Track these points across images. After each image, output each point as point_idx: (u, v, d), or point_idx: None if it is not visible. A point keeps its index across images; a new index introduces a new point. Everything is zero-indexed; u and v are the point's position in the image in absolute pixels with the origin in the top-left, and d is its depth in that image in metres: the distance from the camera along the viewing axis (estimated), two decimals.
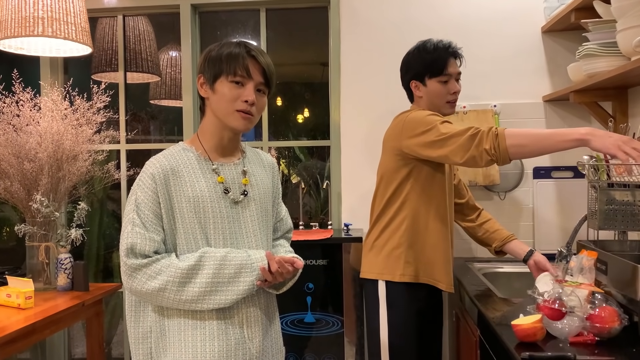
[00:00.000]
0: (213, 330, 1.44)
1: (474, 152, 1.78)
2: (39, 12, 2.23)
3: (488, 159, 1.76)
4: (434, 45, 2.10)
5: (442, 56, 2.08)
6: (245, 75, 1.46)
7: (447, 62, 2.07)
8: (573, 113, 2.78)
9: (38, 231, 2.43)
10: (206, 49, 1.54)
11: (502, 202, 2.81)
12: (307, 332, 2.57)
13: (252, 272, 1.46)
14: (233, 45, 1.49)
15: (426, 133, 1.92)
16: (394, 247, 2.07)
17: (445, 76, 2.07)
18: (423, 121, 1.94)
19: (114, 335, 3.54)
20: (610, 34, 2.02)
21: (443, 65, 2.07)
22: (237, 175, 1.55)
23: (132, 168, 3.01)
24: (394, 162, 2.08)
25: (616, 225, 1.87)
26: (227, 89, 1.47)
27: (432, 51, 2.10)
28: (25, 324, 1.95)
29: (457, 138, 1.82)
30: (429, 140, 1.91)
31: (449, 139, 1.85)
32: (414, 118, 1.98)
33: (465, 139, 1.80)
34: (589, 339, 1.44)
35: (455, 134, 1.84)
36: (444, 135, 1.86)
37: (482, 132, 1.77)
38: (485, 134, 1.76)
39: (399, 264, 2.05)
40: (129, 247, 1.40)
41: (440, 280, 2.06)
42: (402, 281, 2.04)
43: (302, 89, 3.92)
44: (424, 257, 2.06)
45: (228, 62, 1.46)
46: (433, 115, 1.97)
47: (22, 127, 2.49)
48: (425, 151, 1.93)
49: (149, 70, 3.28)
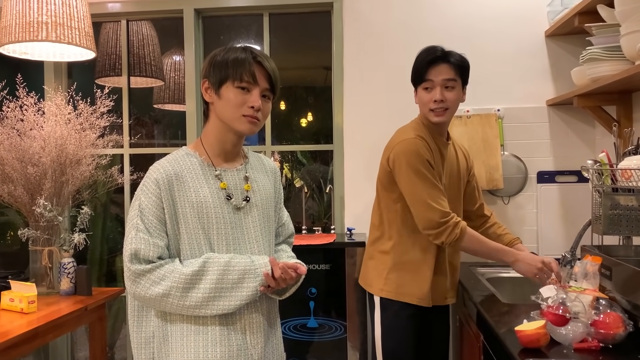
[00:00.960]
0: (215, 336, 1.44)
1: (431, 233, 1.97)
2: (43, 17, 2.24)
3: (438, 242, 1.99)
4: (423, 51, 2.04)
5: (423, 61, 2.01)
6: (251, 81, 1.46)
7: (429, 67, 1.98)
8: (577, 117, 2.77)
9: (41, 235, 2.44)
10: (211, 54, 1.53)
11: (506, 207, 2.80)
12: (310, 337, 2.56)
13: (255, 278, 1.45)
14: (239, 50, 1.49)
15: (417, 182, 1.96)
16: (380, 261, 2.10)
17: (427, 82, 2.00)
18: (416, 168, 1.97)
19: (117, 339, 3.54)
20: (614, 38, 2.02)
21: (423, 71, 2.00)
22: (239, 181, 1.55)
23: (136, 172, 3.01)
24: (386, 177, 2.09)
25: (621, 230, 1.86)
26: (232, 95, 1.46)
27: (418, 56, 2.05)
28: (28, 328, 1.95)
29: (432, 215, 1.94)
30: (412, 197, 1.98)
31: (426, 209, 1.94)
32: (409, 160, 1.97)
33: (435, 223, 1.95)
34: (594, 345, 1.43)
35: (433, 211, 1.94)
36: (424, 203, 1.94)
37: (449, 230, 1.94)
38: (449, 233, 1.94)
39: (380, 279, 2.09)
40: (132, 252, 1.40)
41: (421, 298, 2.05)
42: (380, 296, 2.08)
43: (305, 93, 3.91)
44: (406, 275, 2.06)
45: (234, 68, 1.46)
46: (426, 165, 1.98)
47: (26, 131, 2.50)
48: (404, 193, 2.01)
49: (152, 74, 3.29)
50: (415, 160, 1.96)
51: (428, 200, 1.94)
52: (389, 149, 2.07)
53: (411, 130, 2.05)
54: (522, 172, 2.79)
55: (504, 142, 2.80)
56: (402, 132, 2.09)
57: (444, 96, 1.99)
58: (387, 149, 2.09)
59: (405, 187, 1.99)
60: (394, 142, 2.05)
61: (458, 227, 1.95)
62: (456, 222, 1.95)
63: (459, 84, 2.03)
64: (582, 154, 2.75)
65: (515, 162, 2.79)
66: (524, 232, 2.78)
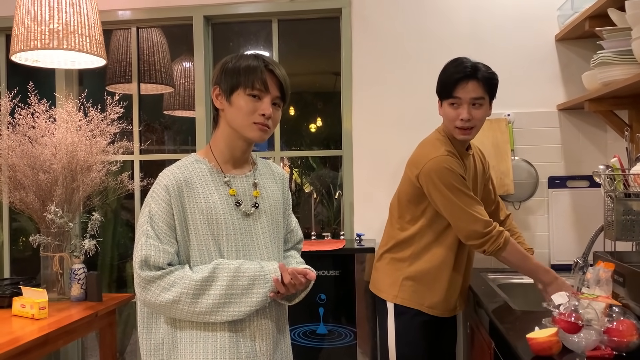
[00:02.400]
0: (225, 343, 1.44)
1: (475, 243, 1.95)
2: (54, 25, 2.26)
3: (480, 251, 1.97)
4: (453, 64, 1.97)
5: (454, 77, 1.93)
6: (262, 89, 1.47)
7: (457, 83, 1.92)
8: (588, 122, 2.75)
9: (52, 242, 2.45)
10: (222, 61, 1.54)
11: (517, 212, 2.78)
12: (320, 343, 2.55)
13: (265, 284, 1.45)
14: (251, 58, 1.49)
15: (452, 198, 1.92)
16: (396, 267, 2.09)
17: (454, 99, 1.94)
18: (451, 185, 1.93)
19: (127, 345, 3.55)
20: (625, 41, 2.00)
21: (450, 88, 1.94)
22: (248, 188, 1.55)
23: (146, 178, 3.02)
24: (414, 192, 2.04)
25: (634, 236, 1.84)
26: (243, 102, 1.47)
27: (447, 70, 1.98)
28: (39, 334, 1.96)
29: (476, 226, 1.92)
30: (452, 212, 1.94)
31: (470, 221, 1.92)
32: (441, 177, 1.93)
33: (479, 234, 1.93)
34: (607, 354, 1.41)
35: (476, 222, 1.92)
36: (467, 216, 1.92)
37: (493, 239, 1.92)
38: (493, 242, 1.92)
39: (395, 286, 2.07)
40: (142, 259, 1.41)
41: (433, 307, 2.05)
42: (395, 302, 2.06)
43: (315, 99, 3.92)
44: (422, 283, 2.05)
45: (246, 75, 1.46)
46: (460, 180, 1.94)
47: (37, 138, 2.52)
48: (440, 209, 1.97)
49: (162, 81, 3.31)
50: (449, 177, 1.92)
51: (470, 211, 1.92)
52: (417, 165, 2.00)
53: (440, 145, 1.99)
54: (533, 177, 2.77)
55: (514, 147, 2.78)
56: (430, 146, 2.02)
57: (471, 115, 1.94)
58: (415, 164, 2.02)
59: (442, 204, 1.95)
60: (424, 158, 1.98)
61: (502, 236, 1.93)
62: (500, 232, 1.94)
63: (486, 101, 1.98)
64: (594, 158, 2.72)
65: (526, 167, 2.77)
66: (535, 238, 2.75)
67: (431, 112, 2.72)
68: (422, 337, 2.06)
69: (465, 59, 1.96)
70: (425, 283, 2.05)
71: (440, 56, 2.83)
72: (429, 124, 2.27)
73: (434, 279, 2.05)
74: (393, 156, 2.86)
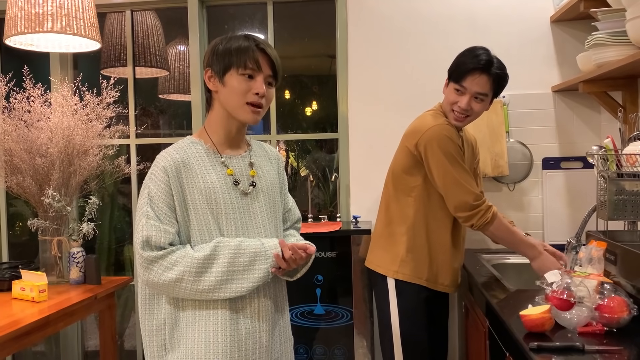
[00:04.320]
0: (225, 321, 1.46)
1: (463, 215, 2.00)
2: (48, 9, 2.25)
3: (467, 224, 2.02)
4: (471, 51, 2.01)
5: (467, 65, 1.97)
6: (255, 68, 1.48)
7: (468, 74, 1.97)
8: (582, 103, 2.76)
9: (50, 225, 2.46)
10: (212, 43, 1.55)
11: (512, 194, 2.81)
12: (317, 323, 2.59)
13: (266, 260, 1.48)
14: (241, 38, 1.50)
15: (449, 166, 1.97)
16: (394, 242, 2.12)
17: (459, 86, 1.99)
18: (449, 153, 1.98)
19: (127, 327, 3.58)
20: (619, 22, 2.00)
21: (462, 75, 1.98)
22: (244, 167, 1.57)
23: (142, 162, 3.03)
24: (410, 161, 2.09)
25: (626, 215, 1.87)
26: (236, 82, 1.48)
27: (464, 55, 2.02)
28: (40, 316, 1.98)
29: (466, 197, 1.97)
30: (445, 180, 1.99)
31: (461, 192, 1.97)
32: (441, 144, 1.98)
33: (468, 206, 1.98)
34: (598, 329, 1.44)
35: (467, 193, 1.97)
36: (459, 186, 1.97)
37: (481, 213, 1.98)
38: (481, 216, 1.98)
39: (395, 261, 2.10)
40: (144, 239, 1.42)
41: (432, 281, 2.09)
42: (396, 278, 2.09)
43: (310, 82, 3.92)
44: (420, 257, 2.09)
45: (238, 55, 1.47)
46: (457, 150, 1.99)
47: (33, 122, 2.52)
48: (434, 177, 2.01)
49: (157, 64, 3.29)
50: (448, 145, 1.98)
51: (463, 182, 1.97)
52: (416, 133, 2.04)
53: (440, 117, 2.06)
54: (528, 159, 2.79)
55: (509, 128, 2.79)
56: (430, 117, 2.07)
57: (471, 106, 2.00)
58: (414, 133, 2.06)
59: (437, 171, 1.99)
60: (424, 126, 2.03)
61: (490, 211, 1.99)
62: (488, 206, 1.99)
63: (489, 97, 2.04)
64: (588, 139, 2.75)
65: (520, 149, 2.79)
66: (530, 219, 2.78)
67: (427, 94, 2.74)
68: (424, 315, 2.09)
69: (484, 51, 2.00)
70: (424, 257, 2.08)
71: (435, 38, 2.85)
72: (424, 106, 2.28)
73: (433, 252, 2.09)
74: (389, 138, 2.86)
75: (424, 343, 2.09)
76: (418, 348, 2.09)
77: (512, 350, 1.55)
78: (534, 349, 1.33)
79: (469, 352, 2.38)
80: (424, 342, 2.09)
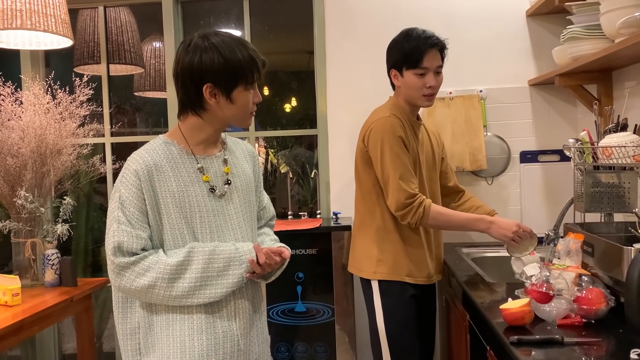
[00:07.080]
0: (201, 324, 1.44)
1: (399, 214, 2.00)
2: (17, 4, 2.19)
3: (405, 223, 2.02)
4: (415, 35, 2.04)
5: (420, 48, 2.01)
6: (258, 78, 1.49)
7: (425, 54, 2.01)
8: (558, 97, 2.79)
9: (23, 227, 2.41)
10: (206, 57, 1.41)
11: (490, 187, 2.82)
12: (298, 321, 2.57)
13: (240, 265, 1.45)
14: (239, 48, 1.43)
15: (386, 162, 1.99)
16: (367, 244, 2.12)
17: (422, 69, 2.02)
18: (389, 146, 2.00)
19: (105, 329, 3.53)
20: (594, 16, 2.02)
21: (419, 57, 2.01)
22: (219, 167, 1.54)
23: (118, 161, 2.98)
24: (364, 158, 2.10)
25: (602, 207, 1.88)
26: (244, 97, 1.47)
27: (411, 41, 2.04)
28: (13, 321, 1.93)
29: (399, 195, 1.97)
30: (383, 175, 2.01)
31: (395, 189, 1.98)
32: (385, 134, 2.00)
33: (401, 204, 1.98)
34: (577, 321, 1.45)
35: (400, 191, 1.98)
36: (394, 183, 1.98)
37: (413, 210, 1.97)
38: (414, 213, 1.97)
39: (372, 263, 2.10)
40: (115, 245, 1.38)
41: (415, 276, 2.09)
42: (376, 279, 2.09)
43: (289, 78, 3.89)
44: (395, 254, 2.08)
45: (245, 71, 1.44)
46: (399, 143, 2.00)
47: (4, 122, 2.45)
48: (377, 171, 2.04)
49: (132, 61, 3.24)
50: (389, 138, 2.00)
51: (398, 180, 1.98)
52: (363, 128, 2.12)
53: (387, 110, 2.09)
54: (505, 153, 2.81)
55: (486, 122, 2.81)
56: (378, 111, 2.13)
57: (437, 82, 2.06)
58: (363, 128, 2.12)
59: (377, 165, 2.03)
60: (369, 121, 2.10)
61: (422, 206, 1.98)
62: (420, 202, 1.99)
63: (442, 68, 2.10)
64: (564, 133, 2.77)
65: (498, 143, 2.81)
66: (508, 212, 2.80)
67: None
68: (410, 313, 2.08)
69: (422, 30, 2.05)
70: (398, 253, 2.08)
71: None
72: None
73: (407, 247, 2.08)
74: None
75: (409, 340, 2.08)
76: (404, 345, 2.08)
77: (493, 344, 1.55)
78: (514, 342, 1.33)
79: (451, 347, 2.39)
80: (409, 339, 2.08)
